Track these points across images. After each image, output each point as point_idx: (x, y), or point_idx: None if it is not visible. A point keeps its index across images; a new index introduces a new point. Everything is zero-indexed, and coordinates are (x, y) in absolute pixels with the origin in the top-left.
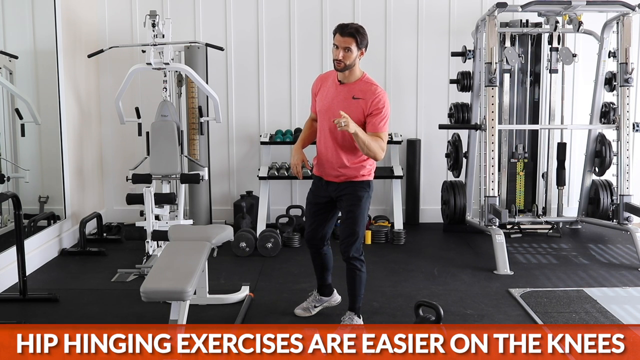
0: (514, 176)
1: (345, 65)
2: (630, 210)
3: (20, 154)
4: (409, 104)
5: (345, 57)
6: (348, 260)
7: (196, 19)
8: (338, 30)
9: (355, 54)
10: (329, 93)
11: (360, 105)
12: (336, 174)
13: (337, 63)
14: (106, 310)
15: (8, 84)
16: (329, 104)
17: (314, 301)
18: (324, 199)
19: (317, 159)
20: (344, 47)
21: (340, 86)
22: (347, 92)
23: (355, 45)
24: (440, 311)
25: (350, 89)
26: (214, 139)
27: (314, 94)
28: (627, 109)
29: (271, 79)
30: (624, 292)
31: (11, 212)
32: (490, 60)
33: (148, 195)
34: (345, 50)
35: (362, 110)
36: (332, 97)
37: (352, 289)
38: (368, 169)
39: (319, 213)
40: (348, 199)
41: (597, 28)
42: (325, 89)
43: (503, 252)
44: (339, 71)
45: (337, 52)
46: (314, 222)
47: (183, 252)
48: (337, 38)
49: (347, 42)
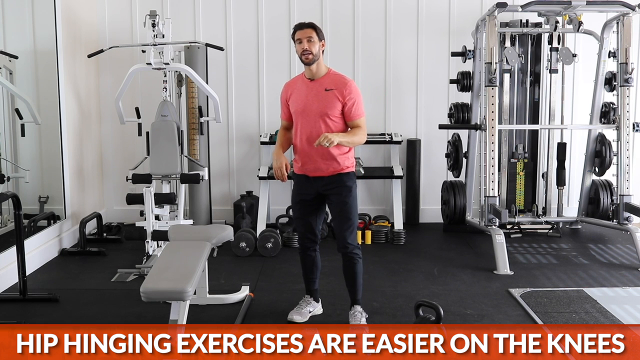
0: (514, 176)
1: (313, 55)
2: (630, 210)
3: (20, 154)
4: (409, 104)
5: (311, 46)
6: (347, 251)
7: (196, 19)
8: (297, 28)
9: (317, 43)
10: (301, 93)
11: (335, 94)
12: (324, 167)
13: (306, 55)
14: (106, 310)
15: (8, 84)
16: (304, 102)
17: (308, 305)
18: (311, 195)
19: (299, 158)
20: (307, 37)
21: (310, 83)
22: (318, 87)
23: (316, 34)
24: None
25: (320, 83)
26: (214, 139)
27: (285, 101)
28: (627, 109)
29: (271, 79)
30: (624, 292)
31: (11, 212)
32: (490, 60)
33: (148, 195)
34: (309, 40)
35: (336, 99)
36: (305, 95)
37: (353, 279)
38: (351, 160)
39: (308, 210)
40: (339, 190)
41: (597, 28)
42: (297, 91)
43: (503, 252)
44: (308, 64)
45: (301, 45)
46: (305, 219)
47: (183, 252)
48: (298, 33)
49: (307, 32)
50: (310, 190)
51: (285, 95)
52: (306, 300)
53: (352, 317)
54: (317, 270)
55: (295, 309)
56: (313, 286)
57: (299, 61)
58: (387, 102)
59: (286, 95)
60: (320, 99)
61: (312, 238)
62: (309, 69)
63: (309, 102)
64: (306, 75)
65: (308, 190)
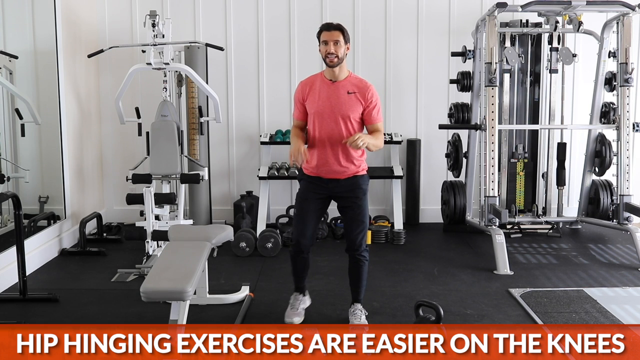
0: (514, 176)
1: (339, 59)
2: (630, 210)
3: (20, 154)
4: (409, 104)
5: (337, 49)
6: (358, 253)
7: (196, 19)
8: (324, 28)
9: (343, 47)
10: (322, 94)
11: (357, 97)
12: (342, 170)
13: (331, 58)
14: (106, 310)
15: (8, 84)
16: (325, 104)
17: (300, 303)
18: (322, 195)
19: (316, 160)
20: (334, 41)
21: (332, 85)
22: (340, 89)
23: (343, 38)
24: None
25: (343, 85)
26: (214, 139)
27: (301, 100)
28: (627, 109)
29: (271, 79)
30: (624, 292)
31: (11, 212)
32: (490, 60)
33: (148, 195)
34: (335, 43)
35: (359, 102)
36: (327, 97)
37: (359, 280)
38: (365, 163)
39: (312, 211)
40: (356, 193)
41: (597, 28)
42: (316, 92)
43: (503, 252)
44: (332, 66)
45: (327, 47)
46: (309, 220)
47: (183, 252)
48: (325, 34)
49: (335, 35)
50: (323, 190)
51: (302, 94)
52: (296, 297)
53: (353, 314)
54: (308, 270)
55: (290, 310)
56: (303, 283)
57: (299, 61)
58: (387, 102)
59: (302, 95)
60: (343, 102)
61: (309, 242)
62: (331, 71)
63: (330, 104)
64: (326, 76)
65: (321, 190)
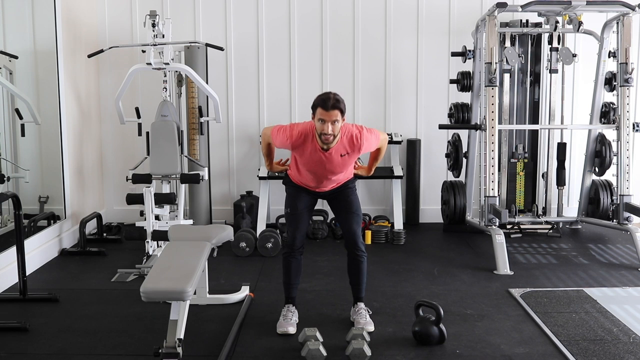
0: (514, 176)
1: (334, 138)
2: (630, 210)
3: (20, 154)
4: (409, 104)
5: (335, 130)
6: (356, 251)
7: (196, 19)
8: (320, 105)
9: (340, 123)
10: (313, 158)
11: (351, 156)
12: (330, 185)
13: (326, 138)
14: (106, 310)
15: (8, 84)
16: (317, 166)
17: (292, 314)
18: (312, 200)
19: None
20: (332, 121)
21: (326, 153)
22: (334, 154)
23: (341, 115)
24: (440, 311)
25: (335, 150)
26: (214, 139)
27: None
28: (627, 109)
29: (271, 79)
30: (624, 292)
31: (11, 212)
32: (490, 60)
33: (148, 195)
34: (333, 123)
35: (353, 156)
36: (319, 161)
37: (359, 278)
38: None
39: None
40: (345, 193)
41: (597, 28)
42: (307, 151)
43: (503, 252)
44: (327, 144)
45: (325, 126)
46: (302, 225)
47: (183, 252)
48: (322, 113)
49: (333, 115)
50: (312, 193)
51: (295, 141)
52: (289, 309)
53: (357, 314)
54: (300, 276)
55: (283, 321)
56: (294, 293)
57: (299, 62)
58: (387, 102)
59: (295, 142)
60: (336, 165)
61: (304, 239)
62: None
63: (323, 167)
64: (319, 145)
65: (309, 191)
